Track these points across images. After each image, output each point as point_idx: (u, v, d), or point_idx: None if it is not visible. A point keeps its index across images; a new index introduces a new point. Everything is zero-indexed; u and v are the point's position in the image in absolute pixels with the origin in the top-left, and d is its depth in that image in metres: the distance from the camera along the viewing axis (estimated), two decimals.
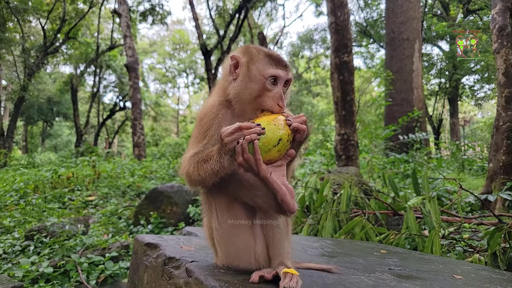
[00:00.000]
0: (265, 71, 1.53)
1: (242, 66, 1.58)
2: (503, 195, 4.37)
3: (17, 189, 8.58)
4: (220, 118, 1.58)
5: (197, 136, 1.60)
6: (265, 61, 1.55)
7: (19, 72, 23.97)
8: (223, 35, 22.28)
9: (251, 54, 1.59)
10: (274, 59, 1.56)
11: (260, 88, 1.52)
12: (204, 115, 1.62)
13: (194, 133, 1.63)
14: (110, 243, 5.03)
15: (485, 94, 24.75)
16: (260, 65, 1.55)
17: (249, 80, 1.54)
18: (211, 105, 1.63)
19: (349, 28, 7.26)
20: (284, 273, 1.41)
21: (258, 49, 1.61)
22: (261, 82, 1.52)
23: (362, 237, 3.55)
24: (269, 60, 1.55)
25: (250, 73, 1.55)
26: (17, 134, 32.44)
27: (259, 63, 1.55)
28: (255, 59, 1.57)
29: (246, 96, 1.54)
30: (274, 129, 1.38)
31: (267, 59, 1.56)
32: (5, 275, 3.58)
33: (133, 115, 16.67)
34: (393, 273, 1.87)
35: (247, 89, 1.54)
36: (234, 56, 1.61)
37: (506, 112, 5.67)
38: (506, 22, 5.84)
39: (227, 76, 1.63)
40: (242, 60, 1.58)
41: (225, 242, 1.61)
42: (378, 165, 9.28)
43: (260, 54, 1.58)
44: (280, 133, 1.38)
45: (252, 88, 1.53)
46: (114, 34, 26.75)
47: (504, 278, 1.96)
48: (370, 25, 26.72)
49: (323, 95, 41.15)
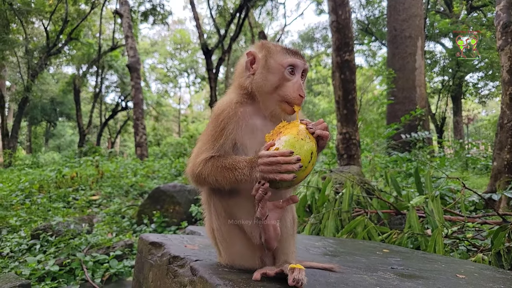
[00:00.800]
0: (283, 61, 1.56)
1: (260, 60, 1.61)
2: (508, 194, 4.35)
3: (22, 188, 8.64)
4: (238, 116, 1.55)
5: (212, 134, 1.55)
6: (282, 52, 1.59)
7: (22, 73, 24.09)
8: (224, 34, 22.29)
9: (268, 48, 1.62)
10: (290, 50, 1.61)
11: (280, 77, 1.55)
12: (221, 111, 1.57)
13: (209, 131, 1.58)
14: (114, 242, 5.07)
15: (489, 91, 24.63)
16: (277, 56, 1.59)
17: (268, 71, 1.57)
18: (228, 102, 1.60)
19: (350, 27, 7.24)
20: (291, 268, 1.42)
21: (274, 43, 1.66)
22: (280, 72, 1.56)
23: (365, 236, 3.55)
24: (286, 51, 1.60)
25: (268, 65, 1.58)
26: (21, 134, 32.60)
27: (277, 54, 1.59)
28: (272, 52, 1.61)
29: (268, 88, 1.56)
30: (304, 144, 1.37)
31: (284, 50, 1.60)
32: (13, 273, 3.62)
33: (135, 115, 16.72)
34: (396, 272, 1.88)
35: (268, 81, 1.56)
36: (251, 52, 1.63)
37: (511, 110, 5.65)
38: (511, 18, 5.81)
39: (244, 72, 1.65)
40: (259, 55, 1.62)
41: (227, 242, 1.61)
42: (380, 164, 9.27)
43: (277, 47, 1.63)
44: (310, 146, 1.38)
45: (272, 79, 1.56)
46: (116, 34, 26.81)
47: (508, 278, 1.97)
48: (372, 23, 26.65)
49: (325, 94, 41.12)
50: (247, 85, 1.61)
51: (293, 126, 1.43)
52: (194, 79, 44.04)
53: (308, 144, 1.37)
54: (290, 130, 1.41)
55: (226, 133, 1.52)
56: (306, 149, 1.36)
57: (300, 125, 1.43)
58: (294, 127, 1.42)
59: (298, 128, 1.41)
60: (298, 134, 1.38)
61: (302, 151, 1.35)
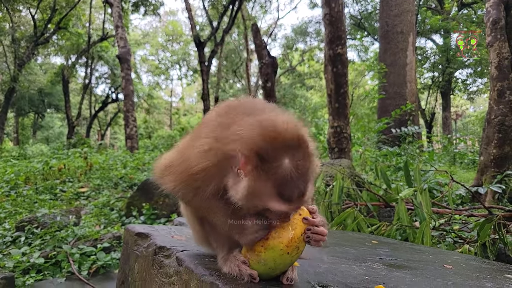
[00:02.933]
0: (267, 203, 1.17)
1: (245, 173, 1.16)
2: (494, 187, 4.41)
3: (7, 180, 8.49)
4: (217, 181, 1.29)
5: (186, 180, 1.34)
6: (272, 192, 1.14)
7: (9, 63, 23.61)
8: (216, 26, 22.12)
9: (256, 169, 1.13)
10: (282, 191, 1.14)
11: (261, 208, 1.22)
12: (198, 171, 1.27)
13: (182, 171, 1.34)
14: (102, 234, 5.01)
15: (478, 88, 24.98)
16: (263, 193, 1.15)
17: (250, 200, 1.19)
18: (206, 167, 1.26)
19: (343, 20, 7.22)
20: None
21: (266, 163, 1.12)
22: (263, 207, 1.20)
23: (354, 228, 3.56)
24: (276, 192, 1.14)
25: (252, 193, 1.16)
26: (8, 125, 32.05)
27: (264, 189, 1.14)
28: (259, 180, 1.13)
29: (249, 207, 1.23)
30: (286, 259, 1.26)
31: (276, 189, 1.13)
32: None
33: (125, 107, 16.53)
34: (384, 262, 1.88)
35: (250, 204, 1.21)
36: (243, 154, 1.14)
37: (498, 106, 5.72)
38: (500, 15, 5.86)
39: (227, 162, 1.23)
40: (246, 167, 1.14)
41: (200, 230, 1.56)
42: (371, 158, 9.33)
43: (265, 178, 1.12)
44: (291, 260, 1.28)
45: (255, 206, 1.21)
46: (106, 24, 26.39)
47: (493, 268, 1.99)
48: (365, 18, 26.71)
49: (317, 88, 41.19)
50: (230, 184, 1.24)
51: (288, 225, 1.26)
52: (186, 71, 43.75)
53: (293, 258, 1.28)
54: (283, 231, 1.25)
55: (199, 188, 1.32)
56: (286, 263, 1.28)
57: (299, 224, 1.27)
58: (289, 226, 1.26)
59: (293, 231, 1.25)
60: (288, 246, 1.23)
61: (279, 267, 1.28)
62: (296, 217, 1.29)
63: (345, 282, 1.44)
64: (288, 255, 1.25)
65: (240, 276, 1.29)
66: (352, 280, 1.48)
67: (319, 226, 1.30)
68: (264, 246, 1.26)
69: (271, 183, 1.13)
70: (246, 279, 1.28)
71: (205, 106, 19.60)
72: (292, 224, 1.27)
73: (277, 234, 1.26)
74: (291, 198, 1.15)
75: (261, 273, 1.29)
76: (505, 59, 5.72)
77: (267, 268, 1.28)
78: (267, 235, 1.26)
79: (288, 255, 1.25)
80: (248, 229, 1.26)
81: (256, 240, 1.27)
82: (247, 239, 1.27)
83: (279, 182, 1.12)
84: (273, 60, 11.14)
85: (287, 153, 1.13)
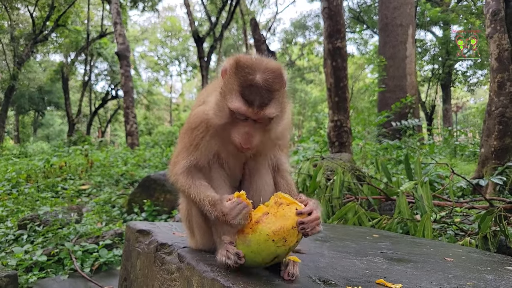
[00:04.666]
0: (231, 104, 1.34)
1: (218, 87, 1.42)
2: (494, 179, 4.41)
3: (9, 178, 8.50)
4: (210, 135, 1.50)
5: (188, 147, 1.53)
6: (236, 90, 1.34)
7: (8, 61, 23.54)
8: (215, 21, 22.04)
9: (229, 75, 1.38)
10: (245, 90, 1.32)
11: (228, 118, 1.38)
12: (194, 127, 1.53)
13: (184, 143, 1.56)
14: (103, 231, 5.02)
15: (478, 80, 24.89)
16: (230, 94, 1.35)
17: (218, 107, 1.40)
18: (200, 119, 1.51)
19: (342, 13, 7.18)
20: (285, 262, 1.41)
21: (241, 69, 1.35)
22: (227, 113, 1.37)
23: (355, 222, 3.57)
24: (240, 88, 1.33)
25: (221, 99, 1.39)
26: (8, 124, 32.04)
27: (231, 91, 1.35)
28: (229, 83, 1.37)
29: (216, 122, 1.42)
30: (271, 247, 1.28)
31: (239, 87, 1.33)
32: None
33: (125, 103, 16.51)
34: (385, 256, 1.89)
35: (216, 116, 1.41)
36: (224, 64, 1.44)
37: (499, 97, 5.70)
38: (500, 6, 5.82)
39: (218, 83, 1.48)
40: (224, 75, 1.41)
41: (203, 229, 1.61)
42: (371, 152, 9.33)
43: (236, 79, 1.35)
44: (277, 251, 1.29)
45: (220, 116, 1.40)
46: (105, 21, 26.29)
47: (494, 260, 1.99)
48: (364, 11, 26.55)
49: (317, 82, 41.09)
50: None
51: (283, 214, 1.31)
52: (186, 67, 43.64)
53: (278, 249, 1.28)
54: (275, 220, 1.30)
55: (201, 148, 1.51)
56: (270, 251, 1.28)
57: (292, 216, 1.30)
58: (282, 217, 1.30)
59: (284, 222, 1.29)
60: (275, 233, 1.27)
61: (262, 254, 1.29)
62: (289, 209, 1.32)
63: (346, 277, 1.44)
64: (272, 243, 1.27)
65: (227, 258, 1.32)
66: (353, 275, 1.48)
67: (311, 214, 1.32)
68: (252, 228, 1.30)
69: (239, 82, 1.33)
70: (232, 259, 1.30)
71: None
72: (285, 215, 1.30)
73: (268, 220, 1.30)
74: (251, 101, 1.31)
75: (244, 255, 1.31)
76: (505, 51, 5.69)
77: (249, 251, 1.30)
78: (257, 218, 1.31)
79: (273, 243, 1.27)
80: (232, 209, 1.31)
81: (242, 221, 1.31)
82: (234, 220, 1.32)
83: (245, 83, 1.32)
84: (273, 55, 11.11)
85: (261, 69, 1.34)
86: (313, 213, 1.32)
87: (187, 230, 1.72)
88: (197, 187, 1.47)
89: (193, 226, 1.64)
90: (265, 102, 1.32)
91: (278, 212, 1.31)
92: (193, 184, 1.49)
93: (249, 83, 1.32)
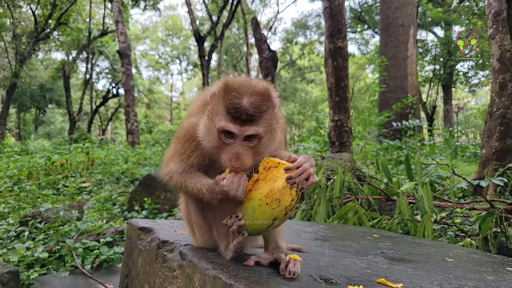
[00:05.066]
0: (217, 123, 1.34)
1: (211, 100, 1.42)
2: (495, 180, 4.42)
3: (10, 175, 8.53)
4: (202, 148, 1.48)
5: (181, 154, 1.54)
6: (222, 111, 1.34)
7: (10, 59, 23.53)
8: (216, 21, 22.03)
9: (217, 98, 1.39)
10: (231, 110, 1.32)
11: (217, 142, 1.38)
12: (185, 140, 1.53)
13: (177, 149, 1.56)
14: (104, 229, 5.04)
15: (479, 80, 24.84)
16: (217, 115, 1.36)
17: (207, 130, 1.40)
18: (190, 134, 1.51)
19: (343, 13, 7.19)
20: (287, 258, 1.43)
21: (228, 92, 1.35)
22: (215, 134, 1.37)
23: (355, 222, 3.58)
24: (226, 110, 1.33)
25: (209, 121, 1.39)
26: (10, 121, 32.06)
27: (217, 111, 1.36)
28: (217, 106, 1.37)
29: (206, 146, 1.42)
30: (266, 210, 1.29)
31: (225, 108, 1.34)
32: (0, 260, 3.58)
33: (126, 101, 16.51)
34: (386, 256, 1.90)
35: (205, 140, 1.41)
36: (213, 87, 1.43)
37: (500, 98, 5.70)
38: (502, 7, 5.82)
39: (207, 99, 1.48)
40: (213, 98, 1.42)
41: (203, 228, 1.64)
42: (372, 152, 9.34)
43: (221, 100, 1.36)
44: (273, 213, 1.29)
45: (209, 140, 1.40)
46: (106, 19, 26.28)
47: (494, 261, 1.99)
48: (365, 11, 26.53)
49: (317, 81, 41.06)
50: None
51: (272, 177, 1.34)
52: (186, 66, 43.62)
53: (273, 211, 1.29)
54: (265, 184, 1.33)
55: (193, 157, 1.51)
56: (265, 215, 1.29)
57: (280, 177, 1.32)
58: (272, 179, 1.33)
59: (274, 183, 1.31)
60: (267, 196, 1.29)
61: (259, 219, 1.30)
62: (277, 171, 1.34)
63: (346, 276, 1.45)
64: (267, 206, 1.29)
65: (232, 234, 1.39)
66: (354, 274, 1.49)
67: (301, 166, 1.34)
68: (247, 197, 1.34)
69: (225, 104, 1.33)
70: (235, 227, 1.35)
71: None
72: (274, 177, 1.33)
73: (259, 185, 1.34)
74: (237, 117, 1.31)
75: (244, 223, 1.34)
76: (507, 52, 5.69)
77: (246, 220, 1.32)
78: (249, 187, 1.35)
79: (267, 206, 1.29)
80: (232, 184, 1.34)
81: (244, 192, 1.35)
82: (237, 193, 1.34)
83: (231, 105, 1.32)
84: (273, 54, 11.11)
85: (249, 92, 1.34)
86: (303, 165, 1.34)
87: (188, 228, 1.73)
88: (192, 178, 1.49)
89: (193, 225, 1.66)
90: (250, 119, 1.32)
91: (267, 176, 1.35)
92: (188, 177, 1.50)
93: (235, 105, 1.32)
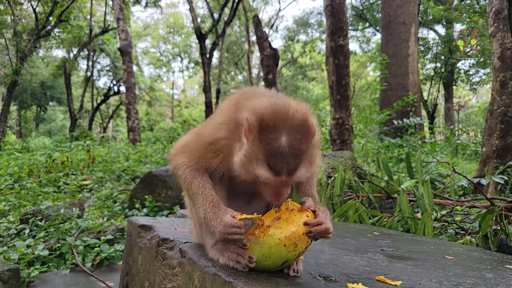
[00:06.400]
0: (258, 172, 1.23)
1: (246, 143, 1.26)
2: (496, 178, 4.41)
3: (11, 173, 8.54)
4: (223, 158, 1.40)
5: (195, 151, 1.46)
6: (261, 158, 1.21)
7: (11, 56, 23.53)
8: (217, 18, 21.99)
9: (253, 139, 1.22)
10: (272, 163, 1.20)
11: (255, 179, 1.28)
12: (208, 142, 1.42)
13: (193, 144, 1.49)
14: (105, 227, 5.04)
15: (480, 78, 24.80)
16: (256, 161, 1.23)
17: (244, 167, 1.27)
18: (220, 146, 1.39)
19: (345, 11, 7.17)
20: None
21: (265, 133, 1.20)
22: (254, 176, 1.25)
23: (356, 219, 3.58)
24: (266, 158, 1.21)
25: (247, 161, 1.25)
26: (10, 118, 32.10)
27: (257, 159, 1.22)
28: (254, 149, 1.22)
29: (244, 175, 1.30)
30: (282, 252, 1.28)
31: (264, 156, 1.21)
32: (1, 258, 3.59)
33: (127, 99, 16.51)
34: (386, 253, 1.90)
35: (242, 173, 1.29)
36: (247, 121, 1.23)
37: (501, 97, 5.69)
38: (503, 5, 5.80)
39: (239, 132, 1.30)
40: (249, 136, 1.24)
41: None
42: (373, 150, 9.33)
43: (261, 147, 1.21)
44: (287, 256, 1.29)
45: (246, 175, 1.28)
46: (107, 17, 26.24)
47: (494, 259, 1.99)
48: (366, 9, 26.47)
49: (319, 79, 40.98)
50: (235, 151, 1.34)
51: (294, 220, 1.32)
52: (188, 63, 43.53)
53: (288, 254, 1.28)
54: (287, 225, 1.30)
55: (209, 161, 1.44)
56: (280, 256, 1.28)
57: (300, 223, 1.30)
58: (293, 222, 1.31)
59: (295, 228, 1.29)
60: (287, 238, 1.27)
61: (273, 257, 1.29)
62: (300, 217, 1.33)
63: (346, 273, 1.45)
64: (284, 248, 1.27)
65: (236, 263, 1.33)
66: (353, 271, 1.49)
67: (321, 224, 1.32)
68: (264, 232, 1.30)
69: (265, 151, 1.20)
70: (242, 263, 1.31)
71: (207, 98, 19.54)
72: (296, 220, 1.31)
73: (280, 225, 1.31)
74: (279, 171, 1.20)
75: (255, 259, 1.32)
76: (508, 50, 5.68)
77: (260, 254, 1.30)
78: (269, 223, 1.32)
79: (284, 248, 1.27)
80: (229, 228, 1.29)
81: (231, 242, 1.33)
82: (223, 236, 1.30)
83: (271, 152, 1.19)
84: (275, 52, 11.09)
85: (287, 129, 1.20)
86: (323, 225, 1.32)
87: (191, 221, 1.70)
88: (199, 182, 1.43)
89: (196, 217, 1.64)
90: (293, 168, 1.22)
91: (290, 218, 1.32)
92: (197, 177, 1.44)
93: (275, 151, 1.19)
